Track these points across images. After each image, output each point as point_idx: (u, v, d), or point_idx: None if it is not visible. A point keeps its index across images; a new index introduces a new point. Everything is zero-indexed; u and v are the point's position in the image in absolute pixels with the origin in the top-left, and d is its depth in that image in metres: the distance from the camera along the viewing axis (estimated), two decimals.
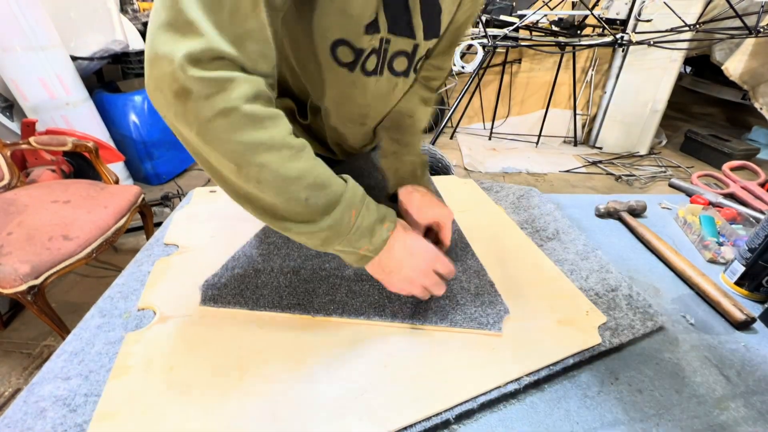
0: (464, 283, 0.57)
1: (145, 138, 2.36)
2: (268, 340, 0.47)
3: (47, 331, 1.39)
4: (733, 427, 0.42)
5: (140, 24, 2.42)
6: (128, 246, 1.90)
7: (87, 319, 0.50)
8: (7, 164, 1.42)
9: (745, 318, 0.54)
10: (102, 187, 1.44)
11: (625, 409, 0.43)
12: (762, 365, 0.50)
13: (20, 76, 1.81)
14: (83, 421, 0.38)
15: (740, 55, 2.96)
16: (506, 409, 0.42)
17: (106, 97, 2.29)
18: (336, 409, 0.40)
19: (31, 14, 1.74)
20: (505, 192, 0.86)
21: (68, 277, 1.65)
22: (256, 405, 0.40)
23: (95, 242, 1.23)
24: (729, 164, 1.00)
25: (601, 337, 0.50)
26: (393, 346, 0.47)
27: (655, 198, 0.89)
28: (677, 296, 0.61)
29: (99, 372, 0.43)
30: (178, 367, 0.43)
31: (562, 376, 0.46)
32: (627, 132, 3.23)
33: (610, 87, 3.20)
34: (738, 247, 0.68)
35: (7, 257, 1.05)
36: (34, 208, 1.24)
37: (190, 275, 0.56)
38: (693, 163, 3.15)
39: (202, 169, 0.40)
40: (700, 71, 4.43)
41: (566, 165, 3.02)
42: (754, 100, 3.04)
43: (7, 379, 1.25)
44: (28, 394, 0.40)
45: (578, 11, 2.97)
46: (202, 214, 0.72)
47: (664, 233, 0.76)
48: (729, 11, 2.58)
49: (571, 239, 0.70)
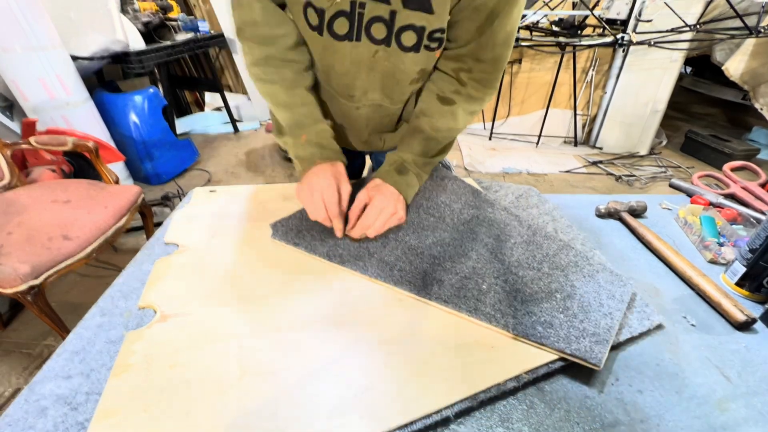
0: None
1: (145, 138, 2.36)
2: (268, 338, 0.47)
3: (47, 331, 1.39)
4: (734, 428, 0.42)
5: (140, 24, 2.42)
6: (128, 246, 1.90)
7: (88, 318, 0.50)
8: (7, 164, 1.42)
9: (745, 319, 0.54)
10: (102, 187, 1.44)
11: (626, 409, 0.43)
12: (763, 366, 0.50)
13: (20, 76, 1.81)
14: (84, 420, 0.38)
15: (741, 55, 2.95)
16: (506, 409, 0.42)
17: (106, 97, 2.29)
18: (336, 407, 0.40)
19: (31, 14, 1.74)
20: (504, 191, 0.86)
21: (68, 277, 1.65)
22: (257, 403, 0.40)
23: (95, 242, 1.23)
24: (729, 165, 1.00)
25: None
26: (393, 344, 0.47)
27: (655, 198, 0.89)
28: (678, 297, 0.61)
29: (100, 370, 0.43)
30: (179, 366, 0.43)
31: (562, 375, 0.46)
32: (627, 132, 3.23)
33: (611, 87, 3.20)
34: (739, 248, 0.68)
35: (7, 257, 1.05)
36: (34, 208, 1.24)
37: (190, 274, 0.57)
38: (693, 163, 3.15)
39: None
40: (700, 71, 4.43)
41: (566, 165, 3.02)
42: (754, 100, 3.04)
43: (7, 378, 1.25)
44: (29, 392, 0.41)
45: (578, 11, 2.97)
46: (202, 213, 0.72)
47: (664, 234, 0.76)
48: (729, 11, 2.57)
49: (570, 238, 0.70)
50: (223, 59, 3.76)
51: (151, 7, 2.68)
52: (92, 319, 0.50)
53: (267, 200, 0.76)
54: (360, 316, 0.51)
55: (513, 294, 0.54)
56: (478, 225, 0.68)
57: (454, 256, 0.60)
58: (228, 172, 2.79)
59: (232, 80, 3.85)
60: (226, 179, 2.69)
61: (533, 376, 0.45)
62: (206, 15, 3.48)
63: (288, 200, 0.76)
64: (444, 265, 0.59)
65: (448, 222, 0.68)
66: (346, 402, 0.40)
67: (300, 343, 0.47)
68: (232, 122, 3.45)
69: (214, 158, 2.98)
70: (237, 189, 0.80)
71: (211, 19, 3.40)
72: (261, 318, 0.50)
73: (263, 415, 0.39)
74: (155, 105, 2.41)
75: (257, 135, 3.47)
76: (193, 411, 0.39)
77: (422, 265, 0.59)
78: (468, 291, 0.54)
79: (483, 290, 0.54)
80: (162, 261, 0.59)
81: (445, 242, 0.63)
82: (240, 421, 0.38)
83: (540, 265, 0.60)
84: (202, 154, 2.96)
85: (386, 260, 0.59)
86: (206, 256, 0.61)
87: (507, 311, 0.51)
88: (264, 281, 0.56)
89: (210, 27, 3.12)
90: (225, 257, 0.60)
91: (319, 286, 0.56)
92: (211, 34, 3.05)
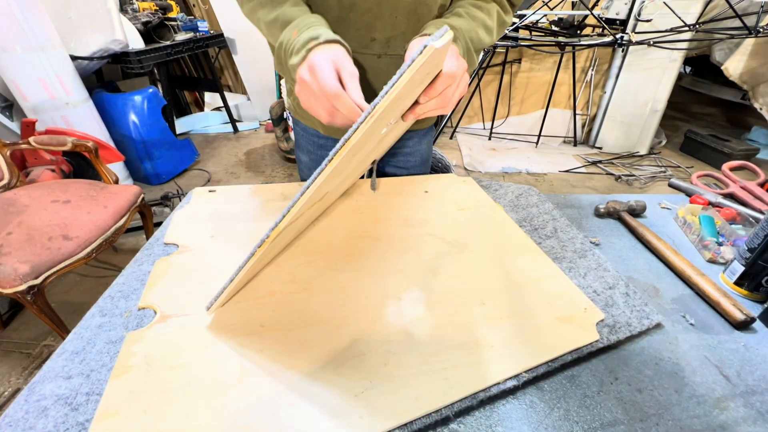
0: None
1: (144, 138, 2.36)
2: (268, 338, 0.47)
3: (47, 331, 1.40)
4: (733, 427, 0.42)
5: (140, 24, 2.42)
6: (128, 246, 1.90)
7: (88, 319, 0.50)
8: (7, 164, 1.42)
9: (744, 318, 0.54)
10: (102, 187, 1.44)
11: (625, 408, 0.43)
12: (761, 365, 0.50)
13: (20, 76, 1.81)
14: (85, 420, 0.38)
15: (740, 55, 2.96)
16: (506, 408, 0.42)
17: (106, 97, 2.29)
18: (337, 407, 0.40)
19: (31, 14, 1.74)
20: (504, 191, 0.87)
21: (68, 277, 1.65)
22: (257, 403, 0.40)
23: (95, 242, 1.23)
24: (728, 164, 1.00)
25: (599, 334, 0.50)
26: (393, 344, 0.47)
27: (654, 198, 0.89)
28: (677, 296, 0.61)
29: (100, 371, 0.43)
30: (179, 367, 0.43)
31: (561, 375, 0.46)
32: (627, 132, 3.24)
33: (610, 87, 3.20)
34: (737, 247, 0.69)
35: (7, 257, 1.05)
36: (34, 208, 1.24)
37: (190, 275, 0.57)
38: (693, 163, 3.16)
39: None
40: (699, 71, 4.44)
41: (566, 165, 3.02)
42: (753, 100, 3.05)
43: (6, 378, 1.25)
44: (30, 392, 0.41)
45: (578, 11, 2.97)
46: (202, 214, 0.72)
47: (663, 233, 0.76)
48: (729, 11, 2.58)
49: (569, 237, 0.70)
50: (222, 59, 3.76)
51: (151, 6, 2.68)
52: (92, 319, 0.50)
53: (267, 200, 0.76)
54: (360, 316, 0.51)
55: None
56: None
57: None
58: (228, 172, 2.79)
59: (232, 80, 3.85)
60: (226, 179, 2.69)
61: (533, 375, 0.45)
62: (206, 15, 3.48)
63: (288, 200, 0.76)
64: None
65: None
66: (345, 402, 0.40)
67: (300, 343, 0.47)
68: (231, 122, 3.46)
69: (213, 158, 2.98)
70: (237, 189, 0.80)
71: (210, 19, 3.40)
72: (261, 318, 0.50)
73: (263, 415, 0.39)
74: (155, 105, 2.41)
75: (257, 135, 3.47)
76: (194, 412, 0.39)
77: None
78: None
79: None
80: (162, 261, 0.59)
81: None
82: (240, 422, 0.38)
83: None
84: (201, 154, 2.96)
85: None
86: (206, 256, 0.61)
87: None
88: (264, 281, 0.56)
89: (209, 27, 3.12)
90: (225, 257, 0.60)
91: (319, 285, 0.56)
92: (211, 33, 3.05)
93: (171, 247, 0.63)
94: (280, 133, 2.94)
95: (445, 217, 0.74)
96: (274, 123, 2.92)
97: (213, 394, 0.40)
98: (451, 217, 0.74)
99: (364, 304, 0.53)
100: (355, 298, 0.54)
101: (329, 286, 0.56)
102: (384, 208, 0.75)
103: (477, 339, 0.49)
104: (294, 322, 0.50)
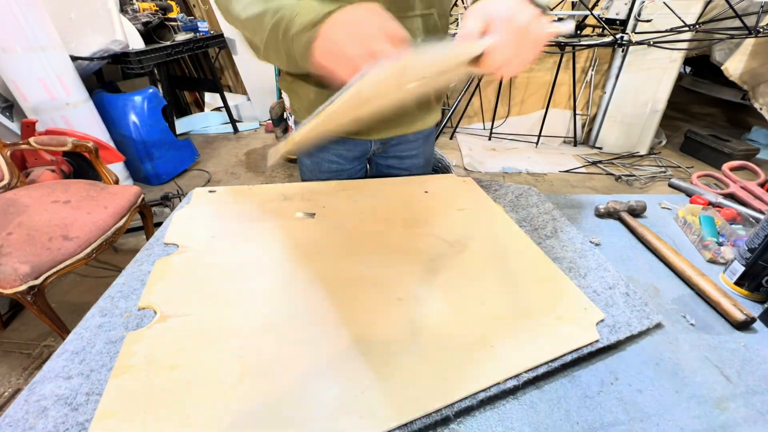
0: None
1: (145, 138, 2.36)
2: (268, 338, 0.47)
3: (47, 331, 1.40)
4: (733, 428, 0.42)
5: (140, 24, 2.42)
6: (128, 246, 1.90)
7: (88, 319, 0.50)
8: (7, 164, 1.42)
9: (745, 318, 0.54)
10: (102, 188, 1.44)
11: (626, 408, 0.43)
12: (762, 365, 0.50)
13: (20, 76, 1.81)
14: (85, 420, 0.38)
15: (740, 55, 2.96)
16: (506, 408, 0.42)
17: (106, 97, 2.29)
18: (337, 407, 0.40)
19: (31, 14, 1.74)
20: (504, 191, 0.87)
21: (68, 277, 1.65)
22: (257, 404, 0.40)
23: (95, 242, 1.23)
24: (729, 164, 1.00)
25: (600, 334, 0.50)
26: (393, 344, 0.47)
27: (655, 198, 0.89)
28: (677, 296, 0.61)
29: (100, 371, 0.43)
30: (179, 367, 0.43)
31: (561, 375, 0.46)
32: (627, 132, 3.24)
33: (610, 87, 3.20)
34: (738, 247, 0.69)
35: (7, 257, 1.05)
36: (34, 209, 1.24)
37: (190, 275, 0.57)
38: (693, 163, 3.15)
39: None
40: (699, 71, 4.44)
41: (566, 165, 3.02)
42: (753, 100, 3.05)
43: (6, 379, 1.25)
44: (30, 393, 0.41)
45: (578, 11, 2.97)
46: (202, 214, 0.72)
47: (663, 233, 0.76)
48: (729, 11, 2.58)
49: (569, 237, 0.70)
50: (222, 59, 3.76)
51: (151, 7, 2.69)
52: (92, 319, 0.50)
53: (267, 200, 0.76)
54: (360, 316, 0.51)
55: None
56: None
57: None
58: (228, 172, 2.79)
59: (232, 80, 3.85)
60: (226, 179, 2.69)
61: (533, 375, 0.45)
62: (206, 15, 3.48)
63: (288, 200, 0.76)
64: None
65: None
66: (346, 402, 0.40)
67: (300, 343, 0.47)
68: (231, 122, 3.46)
69: (213, 158, 2.98)
70: (237, 189, 0.80)
71: (210, 19, 3.40)
72: (261, 318, 0.50)
73: (264, 415, 0.39)
74: (155, 105, 2.41)
75: (257, 135, 3.47)
76: (194, 412, 0.39)
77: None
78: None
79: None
80: (162, 261, 0.59)
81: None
82: (241, 422, 0.38)
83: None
84: (201, 155, 2.96)
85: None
86: (206, 256, 0.61)
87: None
88: (264, 281, 0.56)
89: (209, 27, 3.12)
90: (225, 257, 0.60)
91: (320, 286, 0.56)
92: (211, 34, 3.05)
93: (171, 248, 0.63)
94: (280, 133, 2.95)
95: (445, 217, 0.74)
96: (274, 123, 2.93)
97: (213, 394, 0.40)
98: (451, 217, 0.74)
99: (365, 305, 0.53)
100: (355, 298, 0.54)
101: (329, 286, 0.56)
102: (384, 208, 0.75)
103: (477, 339, 0.49)
104: (294, 322, 0.50)
